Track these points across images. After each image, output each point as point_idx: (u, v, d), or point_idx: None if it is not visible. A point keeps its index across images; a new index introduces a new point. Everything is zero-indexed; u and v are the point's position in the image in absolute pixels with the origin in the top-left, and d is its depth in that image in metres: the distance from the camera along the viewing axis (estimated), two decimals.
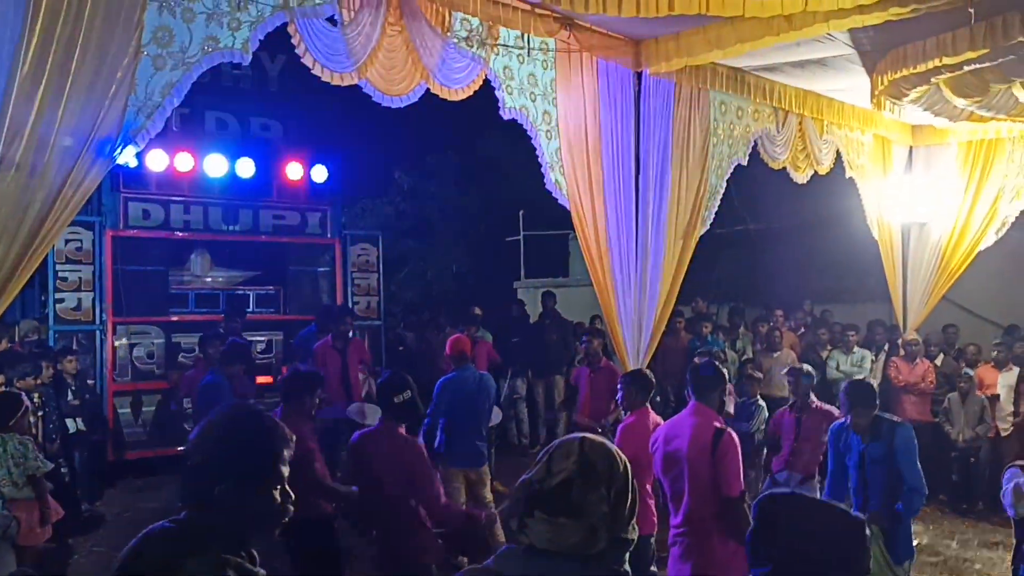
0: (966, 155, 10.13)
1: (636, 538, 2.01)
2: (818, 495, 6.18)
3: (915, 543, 7.69)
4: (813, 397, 7.33)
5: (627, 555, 2.00)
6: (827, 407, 7.15)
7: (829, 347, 10.67)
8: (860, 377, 8.18)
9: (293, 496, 2.26)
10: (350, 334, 9.42)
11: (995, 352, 9.61)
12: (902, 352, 10.02)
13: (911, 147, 10.44)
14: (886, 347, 10.59)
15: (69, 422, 8.24)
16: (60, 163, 4.13)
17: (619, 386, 5.98)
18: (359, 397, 8.94)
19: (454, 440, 6.98)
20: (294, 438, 2.30)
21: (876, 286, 11.05)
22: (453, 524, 5.01)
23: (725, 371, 5.25)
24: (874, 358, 10.31)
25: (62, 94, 4.06)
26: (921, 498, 5.15)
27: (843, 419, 5.49)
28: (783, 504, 2.16)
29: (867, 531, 2.13)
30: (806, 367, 7.57)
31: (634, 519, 2.00)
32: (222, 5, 4.76)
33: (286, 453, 2.24)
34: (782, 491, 2.23)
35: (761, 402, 8.35)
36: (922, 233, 10.48)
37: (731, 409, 8.03)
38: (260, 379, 9.87)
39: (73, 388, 8.41)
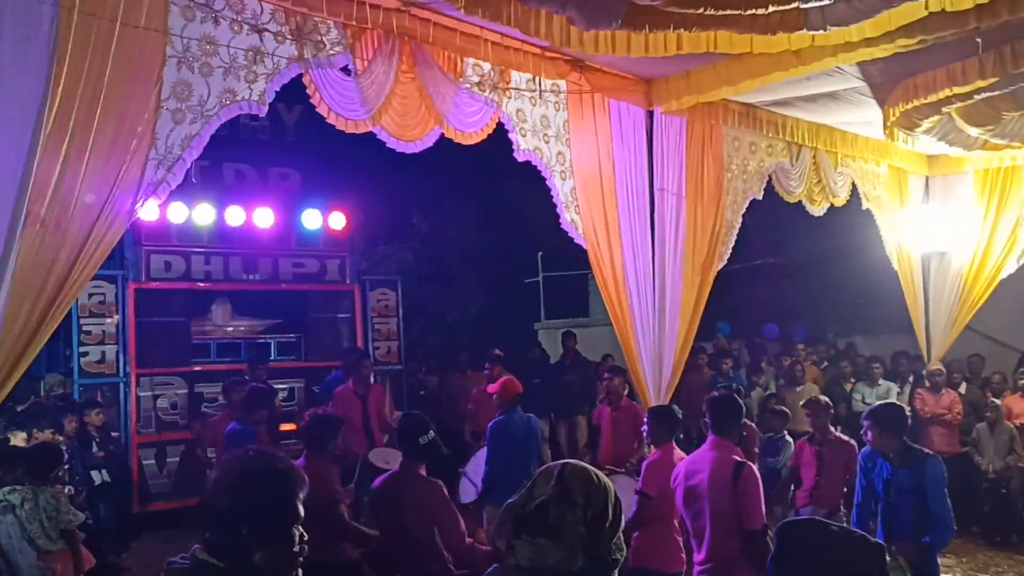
0: (983, 183, 10.11)
1: (621, 559, 2.09)
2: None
3: None
4: (832, 428, 7.24)
5: (613, 574, 2.09)
6: (847, 438, 7.07)
7: (853, 380, 10.59)
8: None
9: (307, 536, 2.32)
10: (371, 379, 9.43)
11: (1023, 381, 9.50)
12: (927, 383, 9.92)
13: (927, 177, 10.44)
14: (911, 378, 10.49)
15: (94, 474, 8.27)
16: (83, 218, 4.23)
17: (645, 421, 5.96)
18: (380, 442, 8.92)
19: (502, 481, 6.95)
20: (307, 479, 2.35)
21: (898, 317, 10.97)
22: (478, 565, 4.97)
23: (743, 403, 5.21)
24: (900, 390, 10.21)
25: (85, 151, 4.17)
26: (950, 533, 5.06)
27: (871, 445, 5.41)
28: (801, 530, 2.17)
29: (886, 557, 2.13)
30: (823, 398, 7.50)
31: (615, 540, 2.08)
32: (239, 59, 4.87)
33: (302, 493, 2.31)
34: (800, 518, 2.24)
35: (788, 438, 8.25)
36: (942, 263, 10.43)
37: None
38: (283, 426, 9.89)
39: (98, 440, 8.44)
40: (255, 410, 7.33)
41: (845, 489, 6.87)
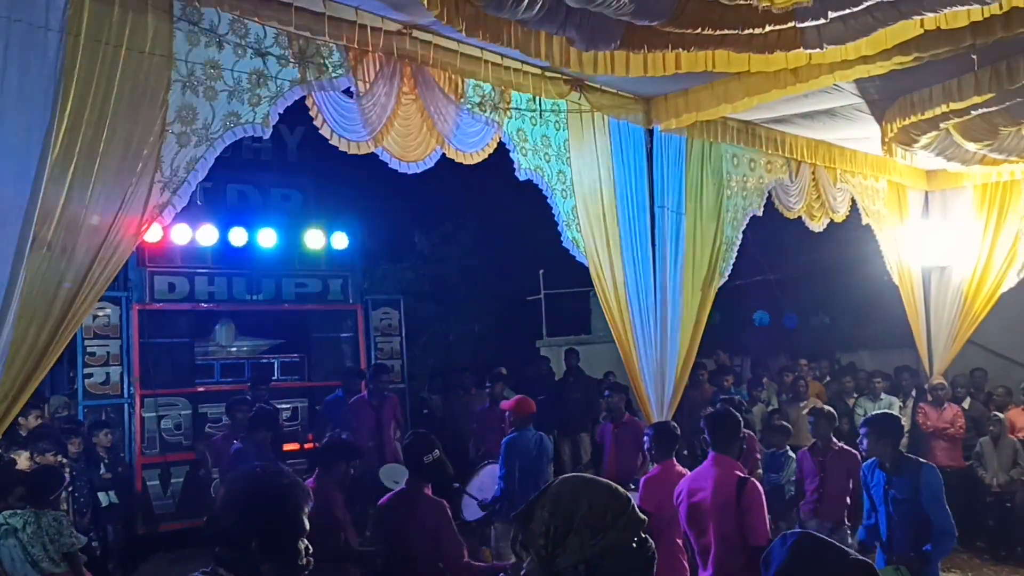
0: (982, 198, 10.16)
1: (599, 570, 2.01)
2: (850, 540, 6.12)
3: None
4: (834, 438, 7.24)
5: None
6: (848, 448, 7.06)
7: (855, 395, 10.60)
8: None
9: (312, 549, 2.37)
10: (386, 393, 9.49)
11: None
12: (929, 397, 9.93)
13: (926, 192, 10.49)
14: (913, 393, 10.49)
15: (102, 495, 8.27)
16: (89, 242, 4.26)
17: (646, 438, 5.98)
18: (392, 454, 8.97)
19: (512, 497, 6.98)
20: (311, 495, 2.39)
21: (900, 332, 10.99)
22: None
23: (741, 417, 5.24)
24: (902, 404, 10.22)
25: (91, 175, 4.22)
26: (952, 540, 5.11)
27: (866, 454, 5.47)
28: (790, 544, 2.20)
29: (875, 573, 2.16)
30: (827, 408, 7.51)
31: (584, 551, 1.99)
32: (242, 82, 4.92)
33: (307, 507, 2.37)
34: (794, 532, 2.27)
35: (791, 453, 8.26)
36: (943, 277, 10.46)
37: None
38: (286, 446, 9.91)
39: (106, 461, 8.45)
40: (259, 430, 7.36)
41: (848, 500, 6.88)
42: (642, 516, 2.06)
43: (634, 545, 2.03)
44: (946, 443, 9.49)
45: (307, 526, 2.35)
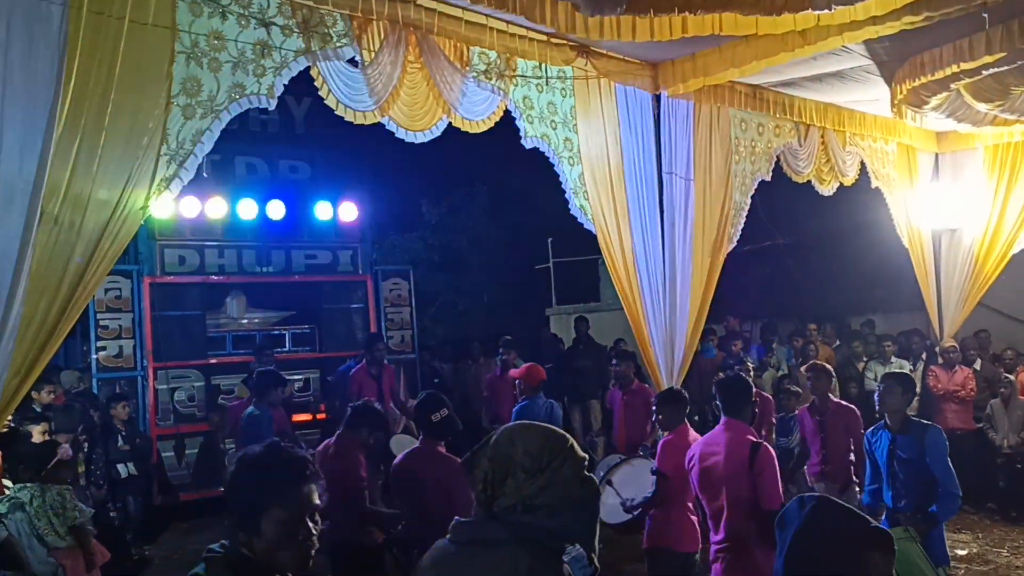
0: (993, 159, 10.08)
1: (534, 516, 2.10)
2: (858, 500, 6.15)
3: (963, 552, 7.64)
4: (831, 396, 7.24)
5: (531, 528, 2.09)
6: (846, 404, 7.07)
7: (865, 359, 10.60)
8: None
9: (322, 526, 2.40)
10: (384, 361, 9.54)
11: None
12: (940, 360, 9.92)
13: (937, 154, 10.41)
14: (923, 356, 10.49)
15: (120, 467, 8.37)
16: (97, 216, 4.26)
17: (653, 407, 6.00)
18: (395, 421, 9.05)
19: None
20: (321, 473, 2.43)
21: (910, 295, 10.96)
22: None
23: (751, 381, 5.26)
24: (912, 368, 10.21)
25: (97, 149, 4.21)
26: (957, 501, 5.15)
27: (884, 406, 5.49)
28: (808, 508, 2.23)
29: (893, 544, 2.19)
30: (825, 364, 7.51)
31: (521, 492, 2.12)
32: (247, 53, 4.90)
33: (317, 484, 2.38)
34: (811, 495, 2.30)
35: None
36: (953, 239, 10.41)
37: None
38: (298, 417, 9.98)
39: (123, 434, 8.53)
40: (268, 392, 7.38)
41: (852, 457, 6.88)
42: (582, 454, 2.17)
43: (574, 479, 2.13)
44: (957, 405, 9.50)
45: (315, 502, 2.35)
